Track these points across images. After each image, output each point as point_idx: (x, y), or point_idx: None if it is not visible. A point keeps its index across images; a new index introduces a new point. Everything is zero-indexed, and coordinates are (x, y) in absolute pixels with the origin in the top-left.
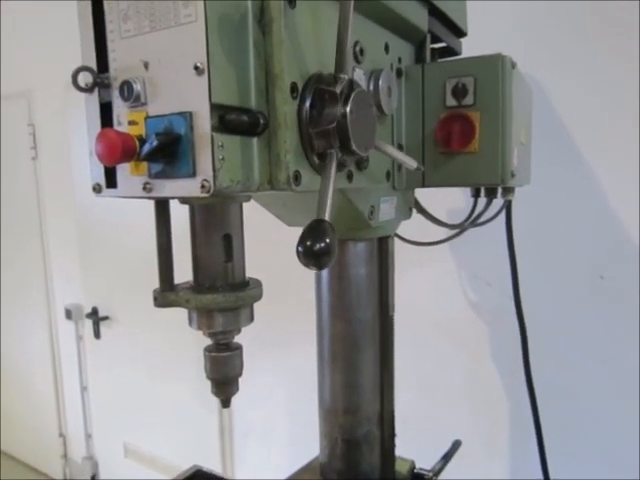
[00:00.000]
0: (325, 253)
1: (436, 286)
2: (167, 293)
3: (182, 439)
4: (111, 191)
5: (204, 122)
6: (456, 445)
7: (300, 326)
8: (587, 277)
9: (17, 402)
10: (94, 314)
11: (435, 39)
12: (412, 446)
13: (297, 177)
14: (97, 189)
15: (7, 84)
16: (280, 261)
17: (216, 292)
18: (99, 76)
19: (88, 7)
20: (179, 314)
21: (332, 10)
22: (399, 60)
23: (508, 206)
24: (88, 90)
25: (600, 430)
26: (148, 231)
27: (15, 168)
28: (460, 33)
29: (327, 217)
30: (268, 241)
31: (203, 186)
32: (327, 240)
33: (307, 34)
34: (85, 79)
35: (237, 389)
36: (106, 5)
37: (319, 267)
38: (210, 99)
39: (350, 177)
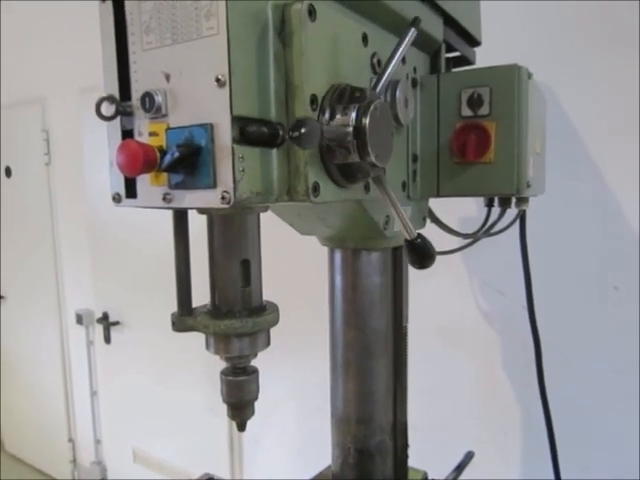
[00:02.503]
0: None
1: (448, 294)
2: (185, 318)
3: (191, 445)
4: (131, 201)
5: (225, 134)
6: (469, 456)
7: (311, 335)
8: (601, 287)
9: (27, 406)
10: (105, 319)
11: (449, 48)
12: (423, 455)
13: (316, 188)
14: (117, 199)
15: (21, 90)
16: (293, 269)
17: (233, 317)
18: (121, 104)
19: (110, 19)
20: None
21: (351, 22)
22: (414, 70)
23: (522, 216)
24: (110, 118)
25: (614, 440)
26: (159, 237)
27: (29, 173)
28: (474, 42)
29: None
30: (281, 249)
31: (223, 197)
32: None
33: (326, 46)
34: (108, 109)
35: (253, 412)
36: (128, 17)
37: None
38: (231, 111)
39: (367, 188)
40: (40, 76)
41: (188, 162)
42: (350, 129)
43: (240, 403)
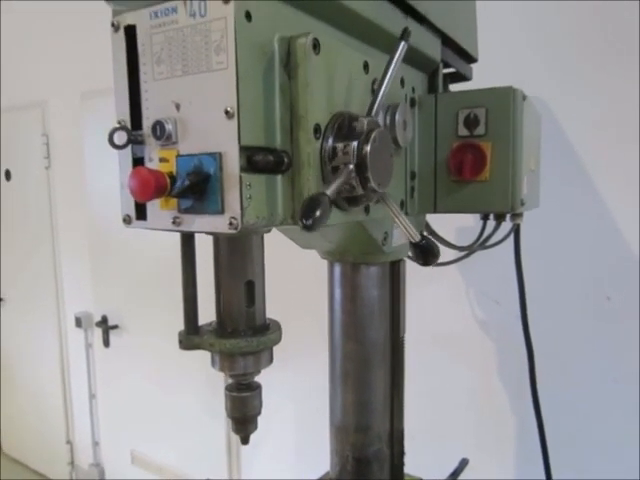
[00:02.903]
0: None
1: (443, 304)
2: (192, 336)
3: (189, 447)
4: (141, 223)
5: (233, 163)
6: (463, 463)
7: (310, 341)
8: (594, 297)
9: (25, 408)
10: (104, 322)
11: (446, 65)
12: (419, 462)
13: None
14: (127, 220)
15: (22, 95)
16: (293, 279)
17: (239, 337)
18: (133, 134)
19: (122, 48)
20: None
21: (353, 52)
22: (412, 90)
23: (517, 230)
24: (123, 147)
25: (608, 446)
26: (158, 241)
27: (29, 177)
28: (471, 59)
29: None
30: (281, 260)
31: (231, 223)
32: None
33: (329, 77)
34: (120, 138)
35: (256, 427)
36: (140, 48)
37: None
38: (239, 141)
39: (367, 210)
40: (41, 80)
41: (197, 189)
42: (352, 166)
43: (244, 418)
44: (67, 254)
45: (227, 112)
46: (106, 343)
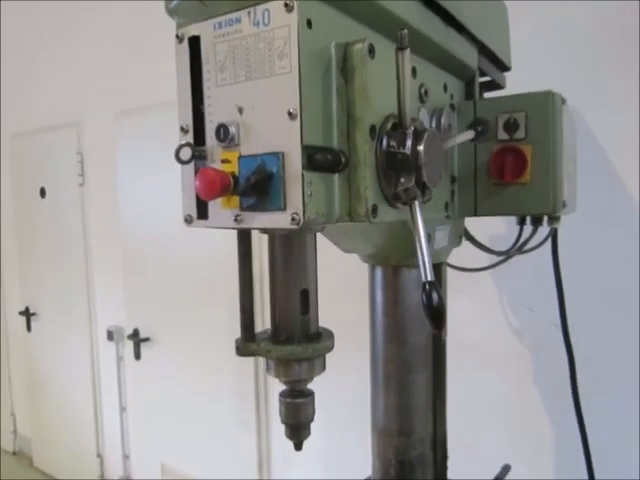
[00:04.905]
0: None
1: (477, 311)
2: (249, 343)
3: (220, 460)
4: (202, 222)
5: (296, 162)
6: (506, 469)
7: (339, 352)
8: (631, 303)
9: (56, 422)
10: (135, 335)
11: (481, 74)
12: (453, 471)
13: (375, 210)
14: (189, 220)
15: (58, 114)
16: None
17: (295, 344)
18: (197, 150)
19: (186, 58)
20: (218, 336)
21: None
22: (451, 97)
23: (554, 234)
24: (187, 162)
25: None
26: (190, 256)
27: (63, 194)
28: (504, 67)
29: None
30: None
31: (293, 219)
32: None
33: (384, 80)
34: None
35: (309, 433)
36: (204, 57)
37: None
38: (302, 141)
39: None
40: (75, 100)
41: (261, 187)
42: (408, 154)
43: (298, 424)
44: (99, 269)
45: (290, 113)
46: (137, 356)
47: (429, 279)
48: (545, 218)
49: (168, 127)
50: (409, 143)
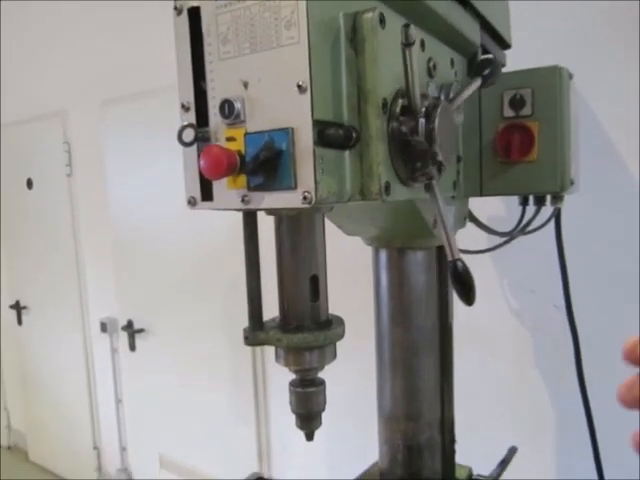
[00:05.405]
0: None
1: (478, 293)
2: (257, 332)
3: (218, 450)
4: (206, 204)
5: (306, 137)
6: (512, 451)
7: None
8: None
9: (51, 415)
10: (129, 327)
11: (483, 51)
12: (458, 455)
13: (388, 187)
14: (192, 202)
15: (43, 104)
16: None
17: (305, 331)
18: (200, 131)
19: (186, 31)
20: (214, 326)
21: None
22: (455, 73)
23: (557, 214)
24: (190, 144)
25: None
26: (182, 244)
27: (51, 185)
28: (505, 45)
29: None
30: None
31: (305, 197)
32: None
33: (395, 52)
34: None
35: (320, 423)
36: (205, 29)
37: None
38: (312, 115)
39: (427, 187)
40: (60, 89)
41: (270, 165)
42: (423, 141)
43: (309, 414)
44: (90, 260)
45: (299, 86)
46: (132, 347)
47: (456, 257)
48: (548, 198)
49: (155, 115)
50: (423, 119)
